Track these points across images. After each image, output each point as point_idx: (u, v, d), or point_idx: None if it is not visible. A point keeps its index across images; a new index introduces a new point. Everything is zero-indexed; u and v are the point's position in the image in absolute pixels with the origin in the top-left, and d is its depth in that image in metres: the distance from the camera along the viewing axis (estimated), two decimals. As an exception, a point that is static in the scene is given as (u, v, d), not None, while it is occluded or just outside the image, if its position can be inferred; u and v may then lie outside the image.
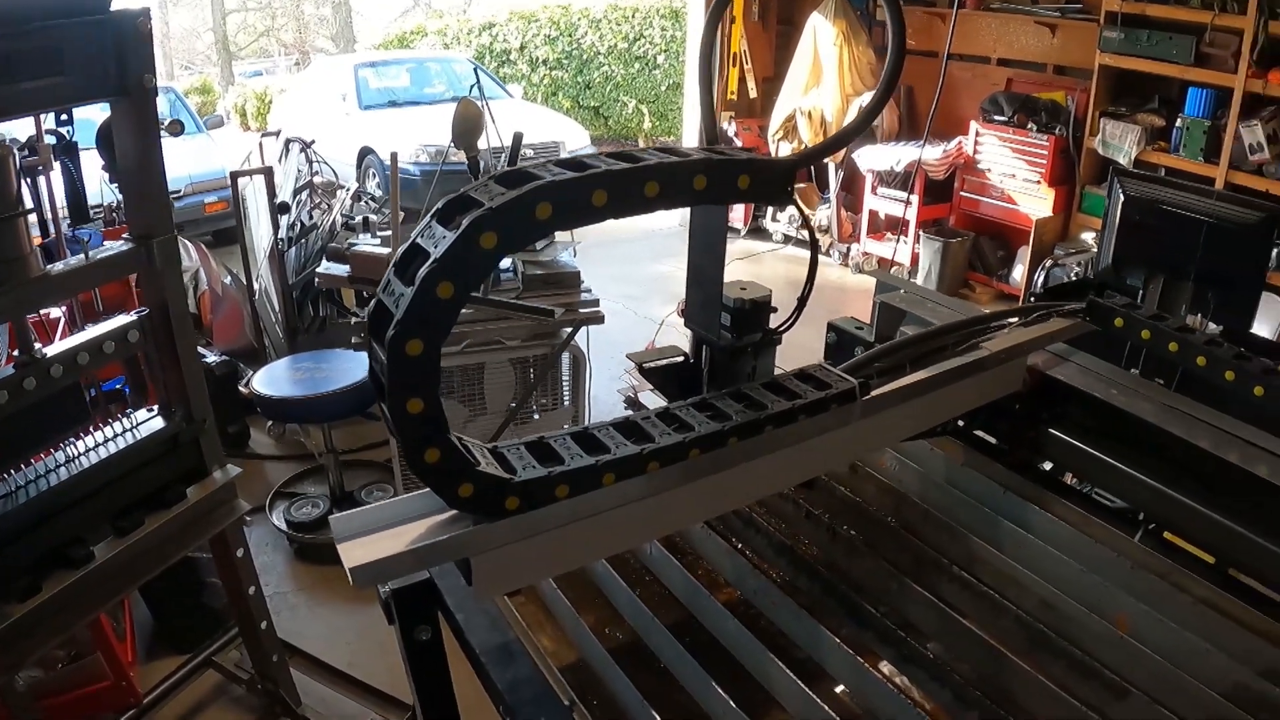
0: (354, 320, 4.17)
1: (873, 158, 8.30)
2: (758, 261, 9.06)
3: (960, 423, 2.12)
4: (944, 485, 2.07)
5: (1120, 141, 7.02)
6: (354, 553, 1.19)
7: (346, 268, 4.06)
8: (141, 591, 3.77)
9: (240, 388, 5.46)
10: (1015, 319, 2.09)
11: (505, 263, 4.33)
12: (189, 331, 2.69)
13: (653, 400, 1.84)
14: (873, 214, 8.59)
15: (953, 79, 8.47)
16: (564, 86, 15.65)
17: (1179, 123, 6.66)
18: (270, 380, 4.55)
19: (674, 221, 9.96)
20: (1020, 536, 1.91)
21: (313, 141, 6.76)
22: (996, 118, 7.87)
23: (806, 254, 6.93)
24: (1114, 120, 7.07)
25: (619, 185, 1.17)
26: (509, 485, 1.22)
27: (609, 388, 6.26)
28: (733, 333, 1.65)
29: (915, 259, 8.20)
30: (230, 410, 5.43)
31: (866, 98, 8.38)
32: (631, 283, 8.29)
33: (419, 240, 1.09)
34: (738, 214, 9.47)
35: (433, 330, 1.06)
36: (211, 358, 5.44)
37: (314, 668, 3.82)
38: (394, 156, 4.35)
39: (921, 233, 8.12)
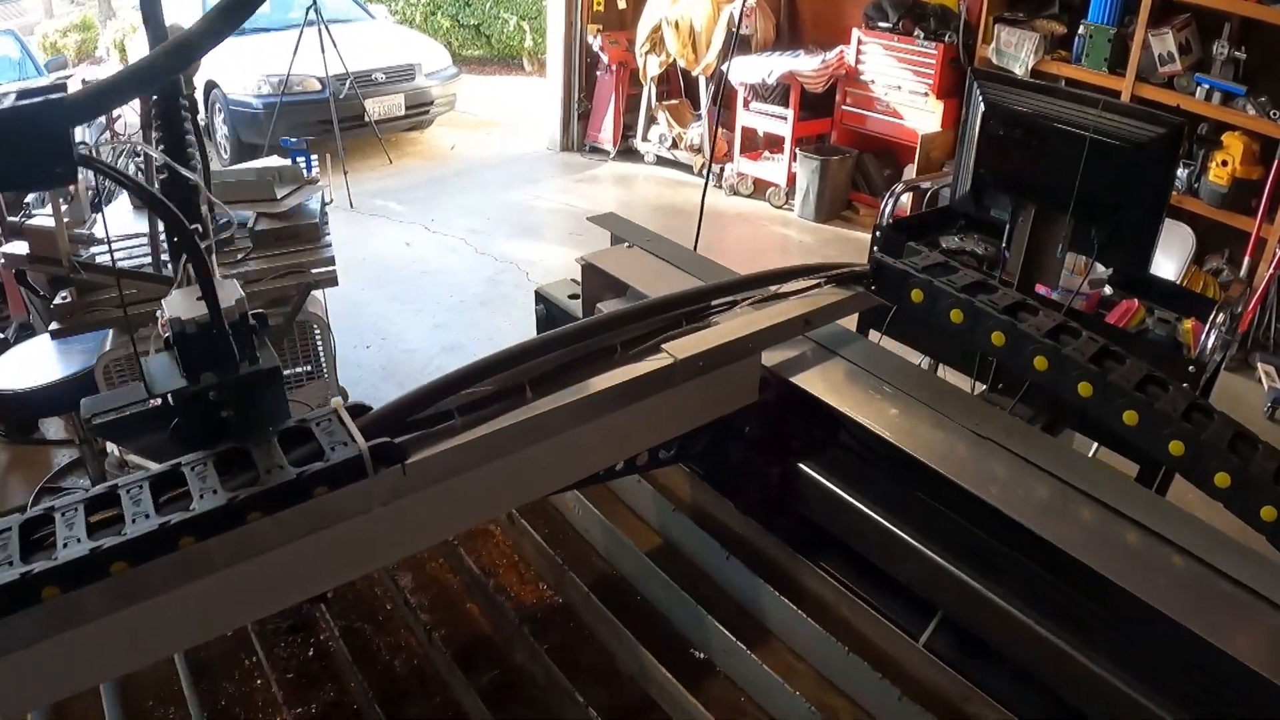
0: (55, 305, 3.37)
1: (745, 69, 7.49)
2: (629, 186, 8.27)
3: (668, 452, 1.39)
4: (635, 548, 1.35)
5: (1016, 50, 6.43)
6: None
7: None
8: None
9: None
10: (771, 289, 1.38)
11: (247, 213, 3.64)
12: None
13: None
14: (749, 131, 7.84)
15: (838, -19, 7.73)
16: (443, 4, 14.69)
17: (1082, 30, 6.09)
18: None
19: (542, 146, 9.15)
20: (728, 642, 1.20)
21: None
22: (881, 24, 7.19)
23: (681, 175, 6.20)
24: (1010, 27, 6.47)
25: None
26: None
27: (431, 338, 5.54)
28: (184, 369, 0.96)
29: (792, 179, 7.51)
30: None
31: (738, 5, 7.55)
32: (479, 215, 7.53)
33: None
34: (607, 134, 8.65)
35: None
36: (-10, 336, 4.76)
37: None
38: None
39: (799, 151, 7.39)
